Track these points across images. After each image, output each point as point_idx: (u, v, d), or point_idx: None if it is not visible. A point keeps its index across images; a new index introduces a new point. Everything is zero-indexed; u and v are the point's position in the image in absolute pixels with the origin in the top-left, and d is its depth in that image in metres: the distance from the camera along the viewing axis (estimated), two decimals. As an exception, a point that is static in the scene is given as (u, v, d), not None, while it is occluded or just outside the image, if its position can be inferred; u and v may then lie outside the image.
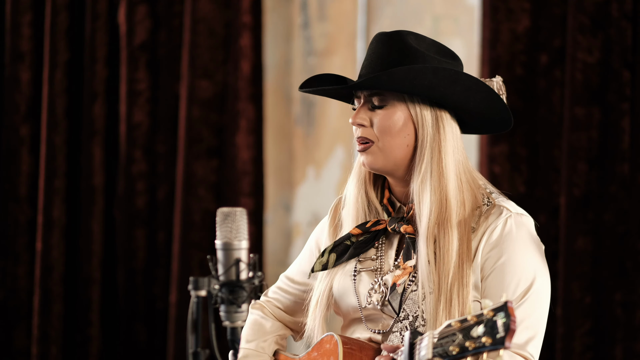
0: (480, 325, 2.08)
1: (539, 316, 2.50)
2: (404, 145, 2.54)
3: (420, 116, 2.53)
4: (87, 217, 4.88)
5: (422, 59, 2.52)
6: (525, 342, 2.46)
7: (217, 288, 2.15)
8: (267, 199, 4.82)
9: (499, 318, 2.06)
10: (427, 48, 2.55)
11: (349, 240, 2.63)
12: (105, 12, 4.88)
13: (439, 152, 2.52)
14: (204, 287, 2.14)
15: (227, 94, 4.78)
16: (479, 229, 2.53)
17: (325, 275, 2.65)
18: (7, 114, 4.97)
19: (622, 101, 3.93)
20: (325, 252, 2.64)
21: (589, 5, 3.95)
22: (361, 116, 2.57)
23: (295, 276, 2.80)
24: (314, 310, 2.65)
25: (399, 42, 2.54)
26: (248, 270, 2.17)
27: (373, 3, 4.63)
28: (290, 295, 2.80)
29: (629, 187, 3.94)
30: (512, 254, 2.51)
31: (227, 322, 2.16)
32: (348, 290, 2.61)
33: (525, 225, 2.55)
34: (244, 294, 2.15)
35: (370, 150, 2.56)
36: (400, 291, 2.53)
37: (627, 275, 3.93)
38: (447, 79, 2.50)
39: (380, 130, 2.54)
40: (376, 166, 2.56)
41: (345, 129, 4.69)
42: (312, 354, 2.60)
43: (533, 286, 2.49)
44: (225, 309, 2.16)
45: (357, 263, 2.63)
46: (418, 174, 2.53)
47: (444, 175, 2.52)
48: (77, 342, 4.89)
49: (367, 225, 2.61)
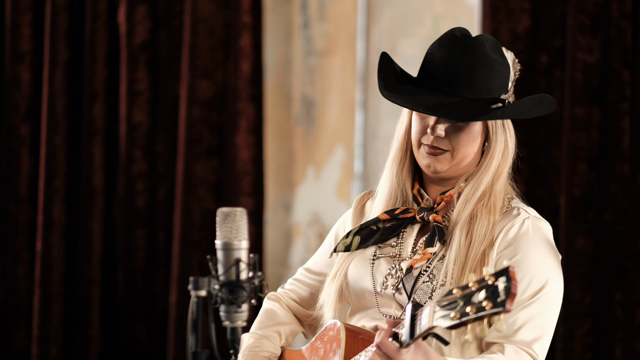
0: (482, 291, 2.08)
1: (548, 318, 2.50)
2: (473, 153, 2.60)
3: (494, 132, 2.60)
4: (87, 217, 4.88)
5: (498, 67, 2.56)
6: (531, 341, 2.46)
7: (217, 288, 2.15)
8: (267, 199, 4.82)
9: (500, 282, 2.06)
10: (491, 49, 2.57)
11: (376, 225, 2.65)
12: (105, 12, 4.88)
13: (501, 167, 2.60)
14: (204, 287, 2.14)
15: (227, 94, 4.78)
16: (497, 227, 2.55)
17: (345, 257, 2.67)
18: (7, 114, 4.97)
19: (622, 101, 3.94)
20: (350, 234, 2.66)
21: (589, 5, 3.95)
22: (441, 128, 2.57)
23: (313, 267, 2.82)
24: (330, 283, 2.66)
25: (481, 55, 2.55)
26: (248, 270, 2.17)
27: (373, 3, 4.63)
28: (307, 286, 2.81)
29: (629, 187, 3.94)
30: (527, 253, 2.52)
31: (227, 322, 2.16)
32: (364, 275, 2.63)
33: (542, 229, 2.58)
34: (244, 294, 2.15)
35: (441, 157, 2.58)
36: (416, 275, 2.54)
37: (627, 275, 3.93)
38: (536, 103, 2.60)
39: (456, 142, 2.57)
40: (442, 172, 2.59)
41: (345, 129, 4.69)
42: (315, 342, 2.62)
43: (545, 288, 2.50)
44: (225, 309, 2.16)
45: (377, 249, 2.64)
46: (476, 181, 2.58)
47: (498, 175, 2.59)
48: (77, 342, 4.89)
49: (396, 212, 2.63)
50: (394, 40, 4.55)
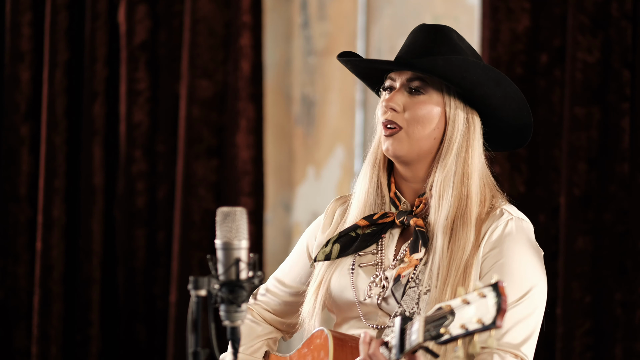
0: (471, 306, 2.06)
1: (534, 318, 2.50)
2: (431, 138, 2.54)
3: (453, 112, 2.54)
4: (87, 217, 4.88)
5: (464, 56, 2.53)
6: (520, 342, 2.46)
7: (217, 288, 2.15)
8: (267, 199, 4.82)
9: (489, 298, 2.04)
10: (466, 48, 2.57)
11: (355, 232, 2.61)
12: (105, 11, 4.88)
13: (466, 151, 2.53)
14: (204, 286, 2.14)
15: (227, 94, 4.78)
16: (482, 228, 2.53)
17: (327, 266, 2.63)
18: (7, 114, 4.96)
19: (622, 101, 3.93)
20: (329, 243, 2.62)
21: (589, 5, 3.95)
22: (396, 100, 2.55)
23: (285, 279, 2.78)
24: (313, 295, 2.63)
25: (444, 36, 2.55)
26: (248, 270, 2.17)
27: (373, 3, 4.63)
28: (280, 299, 2.78)
29: (629, 187, 3.94)
30: (512, 256, 2.51)
31: (227, 322, 2.16)
32: (346, 286, 2.60)
33: (525, 230, 2.56)
34: (243, 293, 2.15)
35: (397, 136, 2.54)
36: (404, 282, 2.52)
37: (627, 275, 3.93)
38: (493, 80, 2.52)
39: (411, 118, 2.54)
40: (400, 153, 2.54)
41: (345, 129, 4.69)
42: (302, 350, 2.59)
43: (531, 290, 2.49)
44: (225, 308, 2.16)
45: (356, 258, 2.61)
46: (442, 168, 2.53)
47: (468, 173, 2.53)
48: (77, 342, 4.89)
49: (375, 217, 2.60)
50: (394, 40, 4.55)
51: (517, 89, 2.55)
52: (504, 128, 2.59)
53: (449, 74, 2.50)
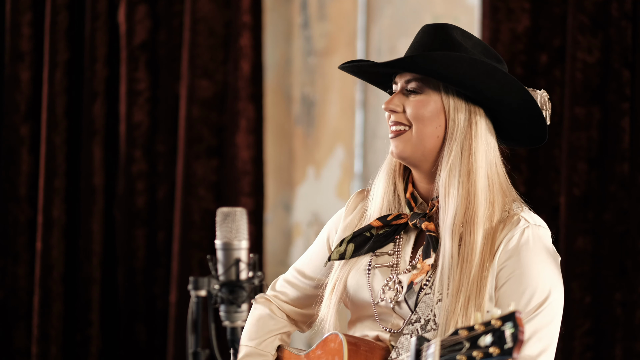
0: (488, 335, 2.05)
1: (552, 329, 2.48)
2: (434, 136, 2.53)
3: (452, 108, 2.52)
4: (87, 217, 4.88)
5: (464, 52, 2.51)
6: (537, 354, 2.45)
7: (217, 288, 2.15)
8: (267, 199, 4.82)
9: (507, 328, 2.03)
10: (472, 45, 2.55)
11: (369, 232, 2.61)
12: (105, 11, 4.89)
13: (469, 148, 2.51)
14: (204, 287, 2.14)
15: (227, 94, 4.78)
16: (499, 236, 2.51)
17: (342, 266, 2.64)
18: (7, 114, 4.97)
19: (622, 101, 3.93)
20: (343, 242, 2.62)
21: (589, 5, 3.95)
22: (395, 102, 2.55)
23: (306, 270, 2.78)
24: (329, 298, 2.63)
25: (443, 33, 2.54)
26: (248, 270, 2.17)
27: (373, 3, 4.63)
28: (299, 290, 2.78)
29: (629, 187, 3.94)
30: (529, 265, 2.49)
31: (227, 322, 2.16)
32: (362, 285, 2.60)
33: (542, 237, 2.54)
34: (243, 293, 2.15)
35: (402, 137, 2.54)
36: (417, 290, 2.51)
37: (627, 275, 3.93)
38: (483, 73, 2.49)
39: (412, 117, 2.53)
40: (405, 154, 2.54)
41: (345, 129, 4.69)
42: (316, 351, 2.60)
43: (548, 299, 2.48)
44: (225, 308, 2.16)
45: (373, 257, 2.61)
46: (445, 166, 2.51)
47: (473, 171, 2.50)
48: (77, 342, 4.89)
49: (388, 218, 2.60)
50: (394, 40, 4.55)
51: (514, 78, 2.52)
52: (516, 120, 2.56)
53: (430, 70, 2.50)
